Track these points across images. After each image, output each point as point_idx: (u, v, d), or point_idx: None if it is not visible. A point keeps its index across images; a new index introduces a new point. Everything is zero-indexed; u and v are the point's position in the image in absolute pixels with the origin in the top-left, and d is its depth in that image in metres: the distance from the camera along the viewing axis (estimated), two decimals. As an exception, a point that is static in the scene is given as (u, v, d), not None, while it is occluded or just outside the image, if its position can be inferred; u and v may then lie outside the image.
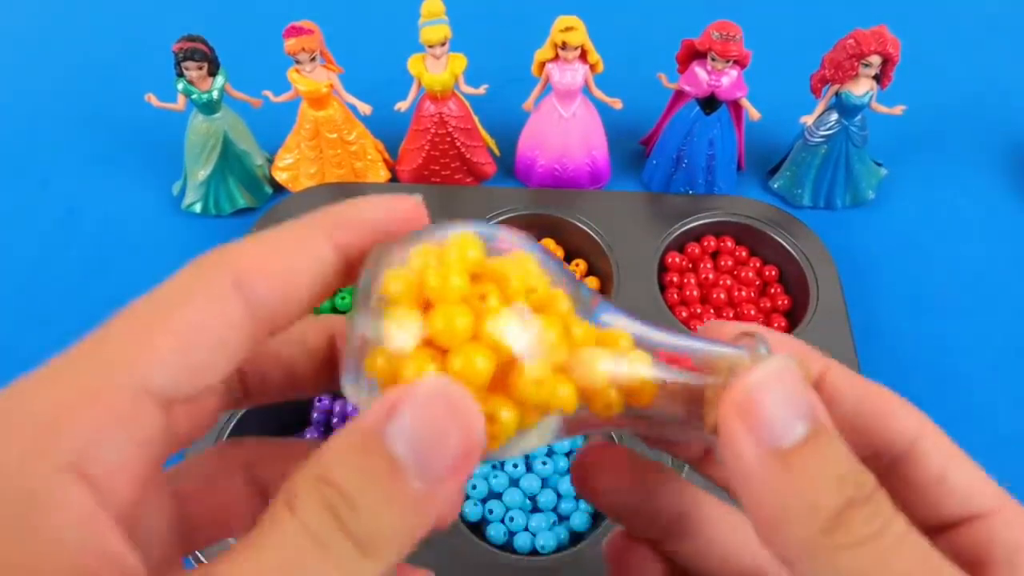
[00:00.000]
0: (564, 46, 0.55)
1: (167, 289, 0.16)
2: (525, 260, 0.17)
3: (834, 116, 0.58)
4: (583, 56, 0.57)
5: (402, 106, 0.59)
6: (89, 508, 0.13)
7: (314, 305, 0.17)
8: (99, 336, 0.15)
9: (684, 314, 0.55)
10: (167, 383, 0.15)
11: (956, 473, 0.18)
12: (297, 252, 0.17)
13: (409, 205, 0.18)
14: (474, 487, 0.45)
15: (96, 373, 0.14)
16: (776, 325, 0.54)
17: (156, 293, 0.16)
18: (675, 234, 0.57)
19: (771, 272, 0.57)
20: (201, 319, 0.15)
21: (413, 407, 0.14)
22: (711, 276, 0.56)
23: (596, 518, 0.44)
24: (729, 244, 0.58)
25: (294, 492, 0.14)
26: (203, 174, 0.60)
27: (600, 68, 0.58)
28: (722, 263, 0.57)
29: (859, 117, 0.58)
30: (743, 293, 0.56)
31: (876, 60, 0.54)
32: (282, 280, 0.16)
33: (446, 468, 0.14)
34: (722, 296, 0.56)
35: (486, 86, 0.60)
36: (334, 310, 0.53)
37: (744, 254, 0.58)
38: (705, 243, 0.58)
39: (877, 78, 0.55)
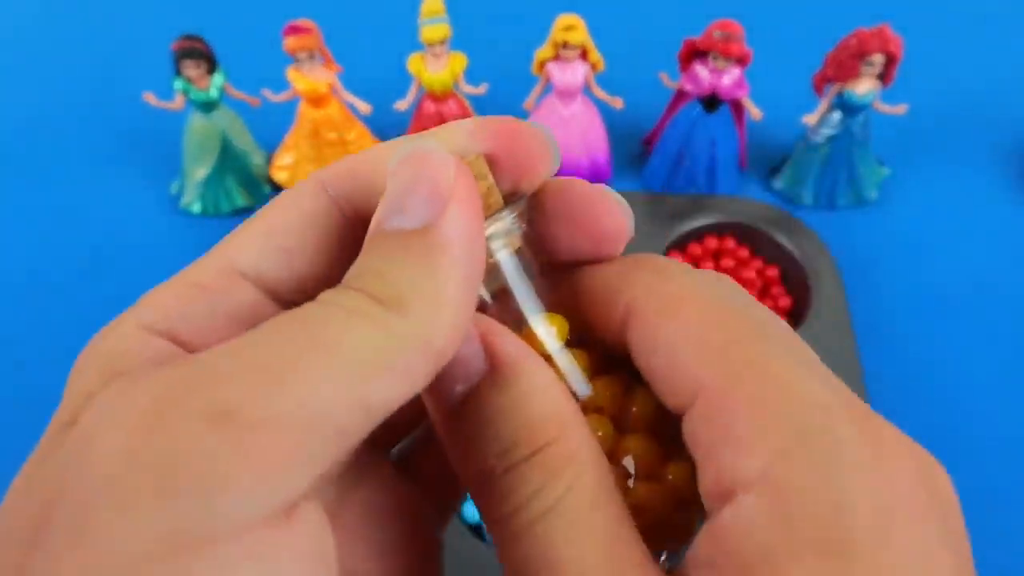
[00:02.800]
0: (565, 45, 0.55)
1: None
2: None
3: (836, 115, 0.58)
4: (584, 55, 0.57)
5: (402, 105, 0.59)
6: (160, 344, 0.15)
7: None
8: None
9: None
10: (254, 260, 0.16)
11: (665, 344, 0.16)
12: (372, 157, 0.18)
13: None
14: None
15: (192, 266, 0.17)
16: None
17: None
18: (677, 234, 0.57)
19: (773, 272, 0.57)
20: (287, 210, 0.17)
21: (392, 180, 0.15)
22: (712, 276, 0.56)
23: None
24: (730, 244, 0.58)
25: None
26: (202, 173, 0.59)
27: (601, 67, 0.57)
28: (724, 263, 0.57)
29: (861, 116, 0.58)
30: (745, 293, 0.56)
31: (879, 59, 0.54)
32: (362, 178, 0.18)
33: (428, 197, 0.15)
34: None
35: (486, 85, 0.60)
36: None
37: (746, 254, 0.58)
38: (707, 243, 0.58)
39: (880, 77, 0.55)
